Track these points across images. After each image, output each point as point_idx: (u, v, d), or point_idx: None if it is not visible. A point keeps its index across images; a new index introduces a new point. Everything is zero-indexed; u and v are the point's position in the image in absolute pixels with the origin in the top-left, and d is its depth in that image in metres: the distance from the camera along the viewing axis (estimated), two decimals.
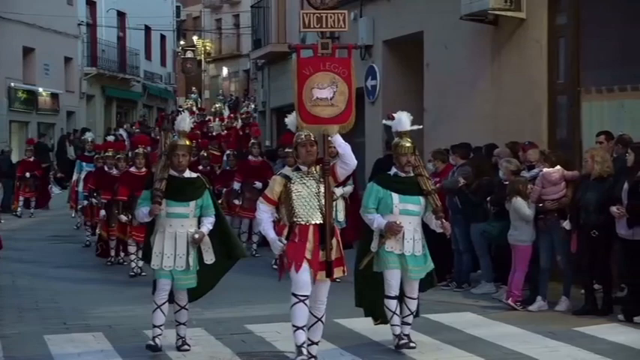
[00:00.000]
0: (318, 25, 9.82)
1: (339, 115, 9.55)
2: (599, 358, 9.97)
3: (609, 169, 12.33)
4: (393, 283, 10.09)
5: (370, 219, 10.15)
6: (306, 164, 9.40)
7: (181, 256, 10.07)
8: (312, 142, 9.36)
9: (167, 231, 10.12)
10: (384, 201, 10.12)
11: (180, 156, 10.15)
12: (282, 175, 9.47)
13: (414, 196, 10.14)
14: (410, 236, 10.05)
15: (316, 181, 9.35)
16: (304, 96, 9.51)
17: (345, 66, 9.66)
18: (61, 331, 11.78)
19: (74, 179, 23.42)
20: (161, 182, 10.05)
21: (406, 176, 10.21)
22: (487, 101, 16.74)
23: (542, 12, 15.69)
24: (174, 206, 10.12)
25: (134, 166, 16.39)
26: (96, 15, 45.81)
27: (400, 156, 10.20)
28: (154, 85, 53.81)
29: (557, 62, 15.71)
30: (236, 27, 62.10)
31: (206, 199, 10.28)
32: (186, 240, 10.10)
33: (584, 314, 12.28)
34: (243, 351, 10.39)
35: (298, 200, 9.28)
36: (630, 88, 14.45)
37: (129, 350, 10.56)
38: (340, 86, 9.55)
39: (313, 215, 9.30)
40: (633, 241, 11.92)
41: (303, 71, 9.58)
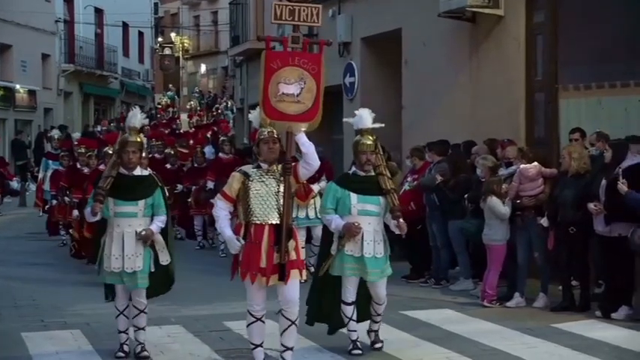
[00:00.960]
0: (290, 18, 9.40)
1: (305, 113, 9.15)
2: (577, 354, 10.02)
3: (586, 166, 12.39)
4: (351, 290, 9.94)
5: (328, 220, 9.95)
6: (267, 162, 9.05)
7: (130, 257, 9.72)
8: (275, 139, 9.03)
9: (115, 231, 9.79)
10: (342, 201, 9.88)
11: (131, 153, 9.80)
12: (242, 172, 9.12)
13: (373, 196, 9.88)
14: (370, 238, 9.79)
15: (276, 180, 8.98)
16: (270, 90, 9.11)
17: (315, 62, 9.26)
18: (38, 329, 11.72)
19: (40, 177, 23.12)
20: (105, 180, 9.71)
21: (366, 175, 9.96)
22: (465, 98, 16.77)
23: (520, 9, 15.73)
24: (122, 205, 9.78)
25: (104, 164, 15.51)
26: (73, 11, 45.68)
27: (360, 154, 9.95)
28: (131, 82, 53.75)
29: (534, 59, 15.75)
30: (214, 24, 62.19)
31: (157, 198, 9.92)
32: (134, 240, 9.75)
33: (562, 311, 12.33)
34: (222, 348, 10.38)
35: (256, 199, 8.93)
36: (607, 85, 14.51)
37: (107, 348, 10.50)
38: (308, 83, 9.15)
39: (270, 215, 8.91)
40: (610, 237, 11.97)
41: (271, 64, 9.17)
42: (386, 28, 19.40)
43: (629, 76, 14.16)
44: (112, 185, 9.71)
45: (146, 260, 9.82)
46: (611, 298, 12.08)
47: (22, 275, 16.35)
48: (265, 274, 8.84)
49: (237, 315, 12.05)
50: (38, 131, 40.33)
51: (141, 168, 10.08)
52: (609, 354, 9.99)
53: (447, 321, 11.08)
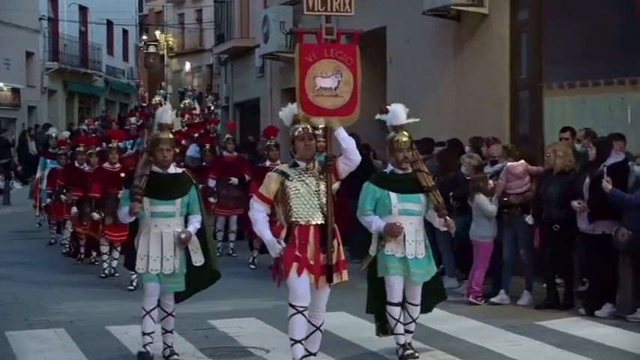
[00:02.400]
0: (322, 9, 8.96)
1: (344, 107, 8.81)
2: (561, 352, 10.04)
3: (571, 164, 12.45)
4: (396, 289, 9.42)
5: (368, 222, 9.42)
6: (304, 160, 8.66)
7: (169, 258, 9.40)
8: (311, 136, 8.65)
9: (152, 232, 9.40)
10: (382, 201, 9.39)
11: (165, 150, 9.42)
12: (279, 172, 8.73)
13: (414, 195, 9.42)
14: (411, 238, 9.34)
15: (316, 178, 8.63)
16: (307, 85, 8.69)
17: (350, 54, 8.94)
18: (22, 328, 11.70)
19: (38, 176, 22.82)
20: (141, 179, 9.32)
21: (404, 173, 9.48)
22: (450, 96, 16.80)
23: (505, 7, 15.77)
24: (158, 205, 9.41)
25: (107, 162, 15.59)
26: (58, 9, 45.54)
27: (396, 152, 9.45)
28: (116, 80, 53.62)
29: (519, 58, 15.79)
30: (199, 22, 62.19)
31: (192, 196, 9.59)
32: (174, 241, 9.41)
33: (546, 308, 12.37)
34: (206, 346, 10.38)
35: (297, 199, 8.56)
36: (591, 84, 14.54)
37: (91, 346, 10.51)
38: (345, 75, 8.83)
39: (313, 215, 8.56)
40: (594, 235, 12.02)
41: (306, 58, 8.76)
42: (371, 26, 19.35)
43: (612, 75, 14.20)
44: (147, 184, 9.34)
45: (182, 263, 9.55)
46: (595, 295, 12.12)
47: (6, 274, 16.30)
48: (315, 273, 8.56)
49: (221, 313, 12.09)
50: (22, 129, 40.20)
51: (174, 166, 9.76)
52: (593, 351, 10.02)
53: (431, 319, 11.07)
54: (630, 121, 13.78)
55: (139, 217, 9.45)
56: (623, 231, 11.62)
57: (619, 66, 14.11)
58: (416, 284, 9.46)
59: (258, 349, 10.32)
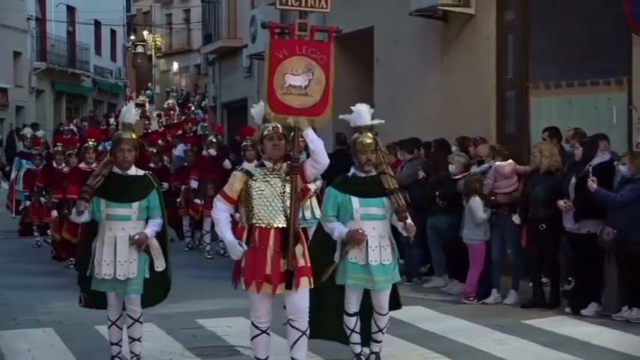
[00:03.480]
0: (296, 3, 8.43)
1: (314, 107, 8.27)
2: (547, 350, 10.07)
3: (557, 164, 12.48)
4: (354, 300, 9.05)
5: (330, 228, 8.98)
6: (271, 160, 8.26)
7: (122, 263, 8.87)
8: (280, 136, 8.25)
9: (107, 235, 8.94)
10: (344, 206, 8.94)
11: (126, 151, 8.97)
12: (244, 171, 8.34)
13: (376, 198, 8.97)
14: (375, 243, 8.87)
15: (282, 179, 8.19)
16: (275, 82, 8.20)
17: (324, 52, 8.35)
18: (11, 327, 11.69)
19: (13, 177, 22.60)
20: (95, 178, 8.92)
21: (367, 176, 9.04)
22: (437, 96, 16.82)
23: (491, 8, 15.81)
24: (114, 207, 8.95)
25: (84, 162, 15.26)
26: (45, 9, 45.49)
27: (359, 154, 9.03)
28: (104, 80, 53.55)
29: (505, 58, 15.84)
30: (186, 22, 62.15)
31: (153, 200, 9.09)
32: (128, 245, 8.93)
33: (532, 307, 12.40)
34: (194, 346, 10.38)
35: (259, 200, 8.14)
36: (577, 84, 14.59)
37: (79, 345, 10.51)
38: (317, 74, 8.26)
39: (275, 218, 8.12)
40: (580, 234, 12.05)
41: (276, 54, 8.24)
42: (358, 26, 19.40)
43: (598, 75, 14.25)
44: (104, 185, 8.93)
45: (141, 266, 8.99)
46: (580, 294, 12.16)
47: None
48: (272, 282, 8.11)
49: (209, 313, 12.09)
50: (10, 129, 40.16)
51: (136, 167, 9.24)
52: (579, 350, 10.04)
53: (419, 318, 11.12)
54: (616, 122, 13.83)
55: (95, 219, 9.04)
56: (609, 230, 11.65)
57: (605, 66, 14.16)
58: (380, 291, 9.00)
59: (246, 349, 10.27)
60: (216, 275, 14.78)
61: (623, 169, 11.91)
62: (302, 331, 8.29)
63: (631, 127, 13.14)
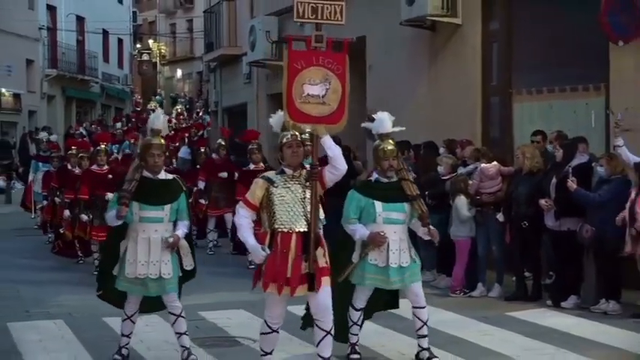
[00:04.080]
0: (313, 16, 8.34)
1: (331, 115, 8.17)
2: (529, 340, 10.09)
3: (539, 165, 12.50)
4: (363, 298, 9.11)
5: (352, 230, 8.90)
6: (291, 167, 8.11)
7: (155, 263, 8.85)
8: (299, 143, 8.14)
9: (140, 236, 8.89)
10: (367, 210, 8.89)
11: (156, 156, 8.94)
12: (265, 178, 8.15)
13: (398, 204, 8.93)
14: (395, 247, 8.85)
15: (302, 185, 8.05)
16: (294, 92, 8.09)
17: (340, 62, 8.27)
18: (23, 319, 11.69)
19: (30, 179, 22.62)
20: (130, 183, 8.85)
21: (389, 182, 9.01)
22: (425, 101, 16.82)
23: (477, 18, 15.82)
24: (147, 210, 8.89)
25: (95, 164, 15.34)
26: (56, 19, 45.41)
27: (382, 160, 8.99)
28: (111, 86, 53.49)
29: (490, 65, 15.85)
30: (189, 31, 62.11)
31: (182, 203, 9.07)
32: (161, 245, 8.89)
33: (516, 300, 12.41)
34: (197, 336, 10.37)
35: (281, 206, 7.99)
36: (558, 90, 14.61)
37: (88, 336, 10.51)
38: (333, 84, 8.17)
39: (297, 222, 7.98)
40: (560, 231, 12.08)
41: (295, 65, 8.15)
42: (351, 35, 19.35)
43: (577, 82, 14.27)
44: (137, 189, 8.87)
45: (174, 266, 9.00)
46: (560, 288, 12.17)
47: (8, 269, 16.26)
48: (291, 285, 7.97)
49: (211, 305, 12.10)
50: (22, 132, 40.12)
51: (165, 172, 9.26)
52: (559, 340, 10.06)
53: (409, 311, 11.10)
54: (594, 125, 13.85)
55: (127, 221, 8.95)
56: (587, 227, 11.68)
57: (583, 73, 14.18)
58: (413, 285, 9.04)
59: (245, 339, 10.33)
60: (217, 271, 14.82)
61: (601, 170, 11.93)
62: (327, 331, 8.13)
63: (608, 131, 13.14)
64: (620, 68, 13.42)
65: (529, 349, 9.69)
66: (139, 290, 9.02)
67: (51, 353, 9.84)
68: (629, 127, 11.91)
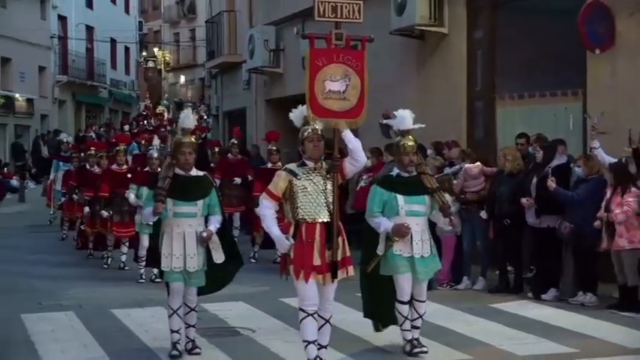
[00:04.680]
0: (332, 15, 8.18)
1: (351, 110, 8.12)
2: (511, 330, 10.09)
3: (519, 166, 12.52)
4: (406, 288, 8.77)
5: (377, 223, 8.70)
6: (312, 159, 7.95)
7: (192, 256, 8.71)
8: (320, 137, 7.97)
9: (175, 231, 8.72)
10: (389, 203, 8.70)
11: (187, 154, 8.79)
12: (287, 171, 8.00)
13: (419, 196, 8.78)
14: (418, 238, 8.67)
15: (323, 177, 7.89)
16: (316, 88, 7.99)
17: (358, 59, 8.26)
18: (36, 310, 11.68)
19: (51, 178, 22.63)
20: (164, 181, 8.72)
21: (409, 176, 8.85)
22: (414, 105, 16.55)
23: (462, 28, 15.83)
24: (181, 206, 8.75)
25: (115, 164, 15.37)
26: (67, 28, 45.35)
27: (402, 155, 8.87)
28: (119, 91, 53.45)
29: (475, 72, 15.85)
30: (192, 40, 62.12)
31: (213, 198, 8.92)
32: (195, 239, 8.75)
33: (498, 292, 12.42)
34: (200, 327, 10.30)
35: (304, 197, 7.83)
36: (538, 95, 14.63)
37: (97, 327, 10.49)
38: (353, 80, 8.14)
39: (320, 213, 7.83)
40: (540, 228, 12.09)
41: (316, 62, 8.04)
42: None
43: (557, 87, 14.29)
44: (170, 186, 8.73)
45: (203, 260, 8.86)
46: (541, 281, 12.18)
47: (22, 264, 16.26)
48: (321, 272, 7.83)
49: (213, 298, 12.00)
50: (35, 135, 40.13)
51: (196, 169, 9.07)
52: (539, 330, 10.06)
53: None
54: (572, 128, 13.86)
55: (161, 217, 8.81)
56: (566, 224, 11.70)
57: (562, 80, 14.20)
58: (422, 282, 8.85)
59: (245, 329, 10.33)
60: None
61: (579, 171, 11.96)
62: (326, 319, 8.01)
63: (585, 133, 13.16)
64: (596, 75, 13.46)
65: (511, 339, 9.68)
66: (179, 278, 8.81)
67: (62, 343, 9.82)
68: (605, 130, 11.91)
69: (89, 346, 9.66)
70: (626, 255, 11.19)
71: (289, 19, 22.12)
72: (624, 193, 11.17)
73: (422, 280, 8.82)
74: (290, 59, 22.36)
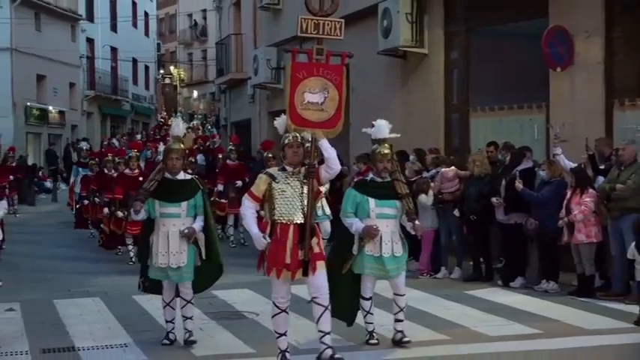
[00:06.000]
0: (315, 32, 7.85)
1: (328, 120, 7.75)
2: (483, 314, 10.09)
3: (486, 170, 12.59)
4: (369, 286, 8.57)
5: (349, 223, 8.44)
6: (292, 165, 7.70)
7: (175, 253, 8.43)
8: (299, 144, 7.71)
9: (161, 230, 8.52)
10: (362, 205, 8.42)
11: (174, 159, 8.57)
12: (268, 174, 7.76)
13: (390, 200, 8.44)
14: (387, 238, 8.36)
15: (300, 181, 7.61)
16: (296, 99, 7.70)
17: (337, 73, 7.88)
18: (66, 297, 11.67)
19: (71, 182, 22.53)
20: (150, 183, 8.54)
21: (383, 181, 8.54)
22: (398, 117, 16.72)
23: (440, 49, 15.82)
24: (166, 206, 8.52)
25: (128, 168, 15.29)
26: (94, 49, 45.33)
27: (377, 162, 8.57)
28: (139, 104, 53.41)
29: (451, 88, 15.84)
30: (204, 59, 62.04)
31: (198, 200, 8.61)
32: (179, 238, 8.49)
33: (472, 281, 12.41)
34: (210, 311, 10.36)
35: (281, 199, 7.57)
36: (507, 108, 14.61)
37: (120, 311, 10.50)
38: (331, 92, 7.77)
39: (295, 215, 7.54)
40: (508, 224, 12.09)
41: (297, 74, 7.77)
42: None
43: (523, 101, 14.28)
44: (157, 188, 8.52)
45: (191, 256, 8.54)
46: (509, 271, 12.17)
47: (54, 255, 16.25)
48: (291, 269, 7.53)
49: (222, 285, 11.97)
50: (66, 143, 40.12)
51: (184, 173, 8.83)
52: (508, 313, 10.06)
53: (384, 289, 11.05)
54: (537, 137, 13.86)
55: (151, 216, 8.58)
56: (531, 221, 11.70)
57: (528, 94, 14.19)
58: (394, 278, 8.53)
59: (249, 313, 10.31)
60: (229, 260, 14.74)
61: (543, 174, 11.96)
62: (325, 306, 7.65)
63: (548, 142, 13.16)
64: (558, 90, 13.47)
65: (484, 321, 9.68)
66: (164, 277, 8.65)
67: (89, 324, 9.83)
68: (566, 139, 11.93)
69: (113, 328, 9.65)
70: (584, 248, 11.18)
71: (288, 41, 22.09)
72: (583, 193, 11.18)
73: (393, 277, 8.51)
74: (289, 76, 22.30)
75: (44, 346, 8.72)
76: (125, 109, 50.48)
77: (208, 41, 58.04)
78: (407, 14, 15.72)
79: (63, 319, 10.14)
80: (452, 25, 15.71)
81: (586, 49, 13.08)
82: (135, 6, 52.41)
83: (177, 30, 67.55)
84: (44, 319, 10.17)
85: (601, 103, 12.96)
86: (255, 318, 10.07)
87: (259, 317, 10.06)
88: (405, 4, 15.68)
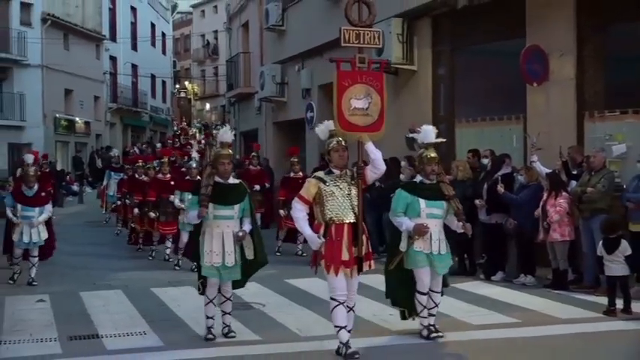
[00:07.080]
0: (356, 42, 7.70)
1: (373, 124, 7.64)
2: (467, 305, 10.08)
3: (467, 175, 12.63)
4: (425, 280, 8.14)
5: (399, 222, 8.13)
6: (338, 168, 7.51)
7: (230, 253, 8.19)
8: (344, 148, 7.53)
9: (215, 231, 8.19)
10: (412, 206, 8.10)
11: (226, 164, 8.26)
12: (317, 178, 7.50)
13: (439, 201, 8.16)
14: (436, 237, 8.09)
15: (348, 183, 7.43)
16: (343, 105, 7.53)
17: (378, 79, 7.75)
18: (91, 289, 11.64)
19: (104, 184, 22.45)
20: (207, 188, 8.16)
21: (431, 183, 8.25)
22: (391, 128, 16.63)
23: (428, 66, 15.83)
24: (221, 209, 8.21)
25: (160, 173, 15.18)
26: (116, 67, 45.35)
27: (426, 165, 8.29)
28: (157, 115, 53.43)
29: (438, 101, 15.83)
30: (215, 75, 62.07)
31: (246, 203, 8.39)
32: (232, 238, 8.23)
33: (457, 275, 12.36)
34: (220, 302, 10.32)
35: (332, 201, 7.36)
36: (489, 119, 14.60)
37: (140, 302, 10.48)
38: (374, 98, 7.64)
39: (346, 215, 7.36)
40: (490, 224, 12.09)
41: (343, 83, 7.61)
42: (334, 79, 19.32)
43: (503, 113, 14.28)
44: (210, 192, 8.21)
45: (239, 256, 8.34)
46: (491, 266, 12.16)
47: (80, 252, 16.21)
48: (349, 266, 7.36)
49: None
50: (91, 151, 40.16)
51: (232, 177, 8.53)
52: (490, 304, 10.05)
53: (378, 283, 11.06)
54: (515, 145, 13.85)
55: (203, 219, 8.26)
56: (511, 221, 11.71)
57: (508, 107, 14.19)
58: (439, 275, 8.23)
59: (256, 304, 10.30)
60: None
61: (521, 178, 11.97)
62: (350, 307, 7.53)
63: (526, 149, 13.16)
64: (534, 103, 13.47)
65: (468, 312, 9.68)
66: (215, 275, 8.28)
67: (112, 314, 9.81)
68: (541, 147, 11.92)
69: (134, 318, 9.63)
70: (559, 245, 11.18)
71: (291, 59, 22.13)
72: (557, 196, 11.18)
73: (439, 274, 8.21)
74: (292, 90, 22.35)
75: (71, 334, 8.72)
76: (144, 119, 50.49)
77: (219, 59, 58.07)
78: (398, 35, 15.73)
79: (88, 310, 10.13)
80: (439, 44, 15.72)
81: (560, 66, 13.08)
82: (153, 27, 52.44)
83: (192, 49, 67.61)
84: (71, 310, 10.16)
85: (573, 114, 12.96)
86: (261, 308, 10.06)
87: (265, 308, 10.06)
88: (397, 25, 15.69)
